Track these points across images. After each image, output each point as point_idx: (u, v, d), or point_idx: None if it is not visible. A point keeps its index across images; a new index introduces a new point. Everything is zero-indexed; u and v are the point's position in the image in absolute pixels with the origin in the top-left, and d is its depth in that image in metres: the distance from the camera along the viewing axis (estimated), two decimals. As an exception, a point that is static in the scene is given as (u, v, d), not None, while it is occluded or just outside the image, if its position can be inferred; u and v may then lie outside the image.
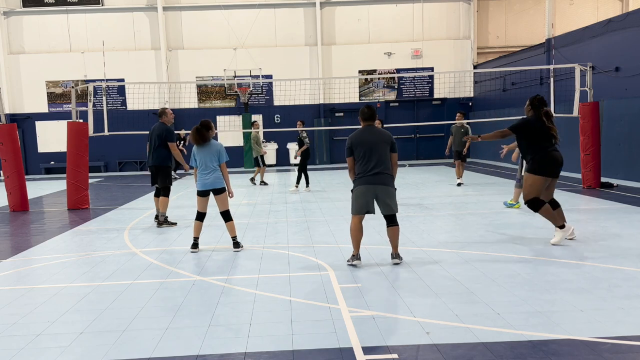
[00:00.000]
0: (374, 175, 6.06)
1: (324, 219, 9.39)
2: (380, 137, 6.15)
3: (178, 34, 22.71)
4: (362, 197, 6.13)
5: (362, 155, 6.12)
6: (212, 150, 7.22)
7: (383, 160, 6.10)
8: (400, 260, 6.30)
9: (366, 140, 6.13)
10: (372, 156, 6.08)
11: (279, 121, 22.59)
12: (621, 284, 5.26)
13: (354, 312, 4.67)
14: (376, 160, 6.07)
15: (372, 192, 6.11)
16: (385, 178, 6.09)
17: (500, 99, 20.46)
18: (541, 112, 6.92)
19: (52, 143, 22.48)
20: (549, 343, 3.92)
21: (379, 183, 6.07)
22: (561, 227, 6.94)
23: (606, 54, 14.46)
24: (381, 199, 6.12)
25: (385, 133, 6.22)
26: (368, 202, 6.14)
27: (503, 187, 13.05)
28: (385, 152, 6.13)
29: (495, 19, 23.61)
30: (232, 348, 4.03)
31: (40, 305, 5.19)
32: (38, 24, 22.43)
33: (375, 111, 6.32)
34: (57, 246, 7.98)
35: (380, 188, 6.08)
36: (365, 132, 6.20)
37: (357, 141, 6.16)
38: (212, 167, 7.18)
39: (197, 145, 7.24)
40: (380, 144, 6.11)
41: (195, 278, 5.96)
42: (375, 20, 22.95)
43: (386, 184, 6.10)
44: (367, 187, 6.09)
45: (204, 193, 7.27)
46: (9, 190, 11.78)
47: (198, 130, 7.17)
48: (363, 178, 6.11)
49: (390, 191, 6.13)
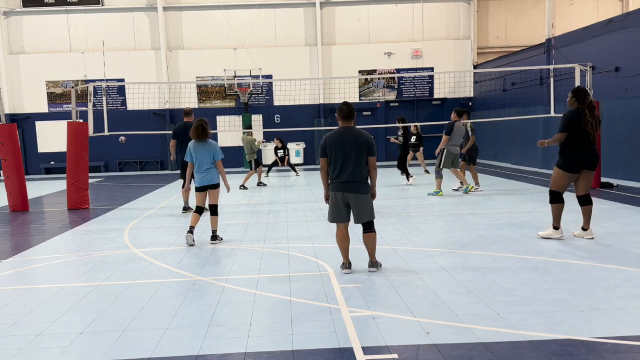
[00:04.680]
0: (345, 182, 5.73)
1: (323, 219, 9.38)
2: (357, 138, 5.72)
3: (178, 34, 22.71)
4: (335, 207, 5.83)
5: (335, 159, 5.74)
6: (208, 149, 7.59)
7: (357, 166, 5.71)
8: (376, 268, 5.98)
9: (342, 142, 5.73)
10: (345, 161, 5.70)
11: (279, 121, 22.59)
12: (621, 284, 5.26)
13: (354, 312, 4.67)
14: (350, 165, 5.70)
15: (345, 200, 5.79)
16: (357, 186, 5.74)
17: (500, 99, 20.46)
18: (585, 103, 6.79)
19: (52, 143, 22.47)
20: (549, 343, 3.92)
21: (351, 191, 5.73)
22: (555, 227, 7.17)
23: (606, 54, 14.46)
24: (352, 207, 5.80)
25: (363, 135, 5.76)
26: (341, 211, 5.82)
27: (503, 187, 13.05)
28: (361, 157, 5.71)
29: (495, 19, 23.61)
30: (232, 348, 4.03)
31: (40, 305, 5.19)
32: (38, 24, 22.42)
33: (353, 109, 5.83)
34: (57, 246, 7.98)
35: (352, 196, 5.74)
36: (341, 134, 5.77)
37: (332, 142, 5.76)
38: (207, 165, 7.60)
39: (197, 140, 7.56)
40: (356, 147, 5.70)
41: (195, 278, 5.96)
42: (375, 20, 22.95)
43: (358, 192, 5.74)
44: (339, 195, 5.78)
45: (202, 189, 7.72)
46: (9, 190, 11.78)
47: (202, 126, 7.48)
48: (335, 184, 5.80)
49: (362, 199, 5.76)
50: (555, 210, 7.15)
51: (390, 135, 22.10)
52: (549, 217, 8.80)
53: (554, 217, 7.19)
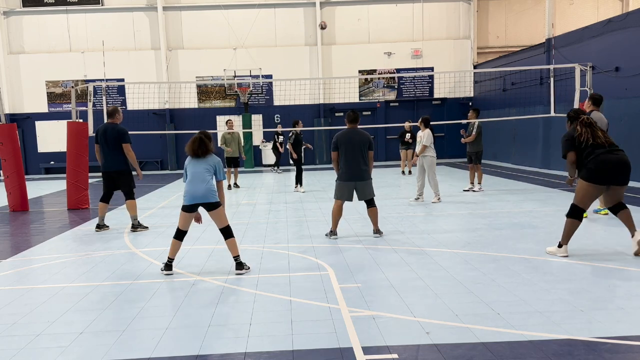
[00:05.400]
0: (354, 171, 7.56)
1: (324, 219, 9.38)
2: (361, 138, 7.59)
3: (178, 34, 22.71)
4: (345, 189, 7.66)
5: (345, 153, 7.56)
6: (207, 163, 6.03)
7: (362, 158, 7.56)
8: (380, 234, 7.76)
9: (350, 140, 7.56)
10: (353, 154, 7.53)
11: (278, 121, 22.59)
12: (621, 284, 5.26)
13: (354, 312, 4.67)
14: (357, 158, 7.53)
15: (352, 186, 7.63)
16: (363, 173, 7.60)
17: (500, 99, 20.45)
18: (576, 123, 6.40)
19: (52, 143, 22.47)
20: (549, 343, 3.92)
21: (358, 179, 7.59)
22: (560, 245, 6.38)
23: (606, 54, 14.46)
24: (359, 189, 7.65)
25: (365, 134, 7.65)
26: (349, 193, 7.67)
27: (503, 187, 13.05)
28: (364, 151, 7.57)
29: (495, 19, 23.61)
30: (232, 348, 4.03)
31: (40, 305, 5.18)
32: (38, 24, 22.43)
33: (359, 116, 7.83)
34: (57, 246, 7.97)
35: (359, 183, 7.61)
36: (350, 133, 7.62)
37: (343, 140, 7.60)
38: (205, 177, 5.98)
39: (194, 157, 6.04)
40: (361, 144, 7.55)
41: (195, 278, 5.96)
42: (375, 20, 22.95)
43: (364, 179, 7.62)
44: (348, 182, 7.61)
45: (191, 208, 6.02)
46: (8, 190, 11.77)
47: (202, 140, 6.00)
48: (345, 173, 7.62)
49: (367, 183, 7.66)
50: (569, 226, 6.30)
51: (390, 135, 22.15)
52: (549, 217, 8.86)
53: (565, 233, 6.34)
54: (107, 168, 8.76)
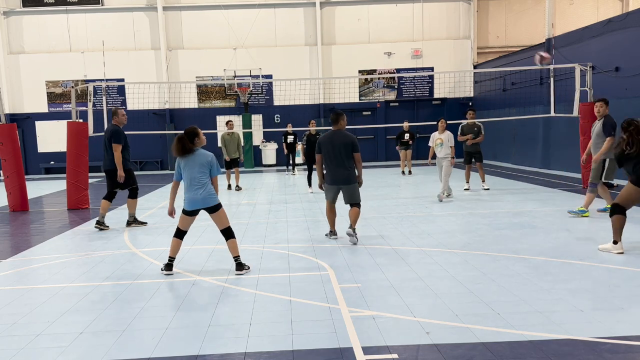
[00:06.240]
0: (335, 174, 7.36)
1: (323, 219, 9.37)
2: (344, 140, 7.29)
3: (178, 34, 22.70)
4: (330, 192, 7.54)
5: (327, 155, 7.36)
6: (200, 162, 6.01)
7: (344, 160, 7.27)
8: (354, 234, 7.26)
9: (331, 143, 7.32)
10: (334, 157, 7.30)
11: (278, 121, 22.58)
12: (621, 284, 5.26)
13: (354, 312, 4.67)
14: (338, 161, 7.29)
15: (336, 188, 7.48)
16: (347, 176, 7.32)
17: (500, 99, 20.45)
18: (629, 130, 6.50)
19: (52, 143, 22.46)
20: (549, 343, 3.92)
21: (341, 182, 7.38)
22: (615, 242, 6.48)
23: (606, 54, 14.45)
24: (344, 193, 7.46)
25: (348, 136, 7.33)
26: (334, 194, 7.55)
27: (503, 187, 13.05)
28: (346, 154, 7.26)
29: (495, 19, 23.60)
30: (232, 348, 4.03)
31: (40, 305, 5.18)
32: (38, 24, 22.42)
33: (339, 116, 7.39)
34: (57, 246, 7.98)
35: (343, 187, 7.41)
36: (332, 135, 7.37)
37: (324, 142, 7.40)
38: (202, 181, 5.99)
39: (179, 156, 6.05)
40: (342, 146, 7.25)
41: (195, 278, 5.96)
42: (375, 20, 22.94)
43: (348, 182, 7.36)
44: (332, 185, 7.46)
45: (192, 212, 6.14)
46: (8, 190, 11.77)
47: (180, 140, 5.99)
48: (328, 176, 7.48)
49: (351, 187, 7.40)
50: (617, 222, 6.44)
51: (390, 135, 22.15)
52: (549, 217, 8.87)
53: (614, 231, 6.47)
54: (104, 167, 9.26)
